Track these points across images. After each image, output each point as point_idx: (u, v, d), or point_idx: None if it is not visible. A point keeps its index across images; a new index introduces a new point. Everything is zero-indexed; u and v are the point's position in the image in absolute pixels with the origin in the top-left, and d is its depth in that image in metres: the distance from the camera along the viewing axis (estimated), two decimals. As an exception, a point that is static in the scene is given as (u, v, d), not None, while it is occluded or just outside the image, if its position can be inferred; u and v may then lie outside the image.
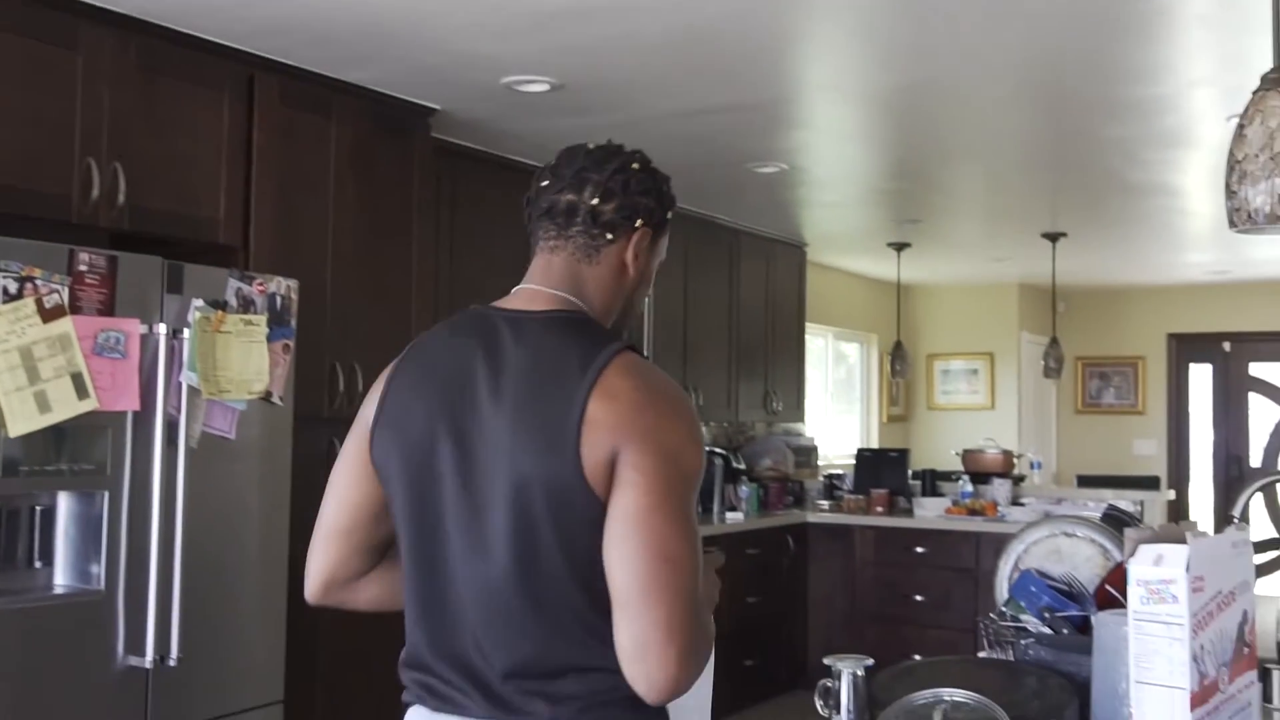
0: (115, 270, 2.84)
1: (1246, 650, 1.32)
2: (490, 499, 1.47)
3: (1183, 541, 1.22)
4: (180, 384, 2.95)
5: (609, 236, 1.60)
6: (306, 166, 3.67)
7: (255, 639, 3.18)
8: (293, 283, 3.25)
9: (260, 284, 3.17)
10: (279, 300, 3.21)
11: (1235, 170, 1.61)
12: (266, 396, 3.16)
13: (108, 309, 2.82)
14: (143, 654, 2.87)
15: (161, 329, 2.92)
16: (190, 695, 2.99)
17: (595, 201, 1.59)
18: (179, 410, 2.94)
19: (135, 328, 2.86)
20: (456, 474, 1.51)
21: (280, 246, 3.53)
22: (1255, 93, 1.63)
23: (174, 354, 2.94)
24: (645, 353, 4.89)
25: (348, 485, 1.66)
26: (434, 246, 4.31)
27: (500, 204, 4.79)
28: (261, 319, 3.14)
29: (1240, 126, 1.62)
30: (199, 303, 2.99)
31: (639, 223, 1.60)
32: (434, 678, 1.57)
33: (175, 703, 2.94)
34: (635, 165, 1.62)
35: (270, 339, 3.16)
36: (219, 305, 3.05)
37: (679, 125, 4.34)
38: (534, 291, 1.62)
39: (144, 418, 2.89)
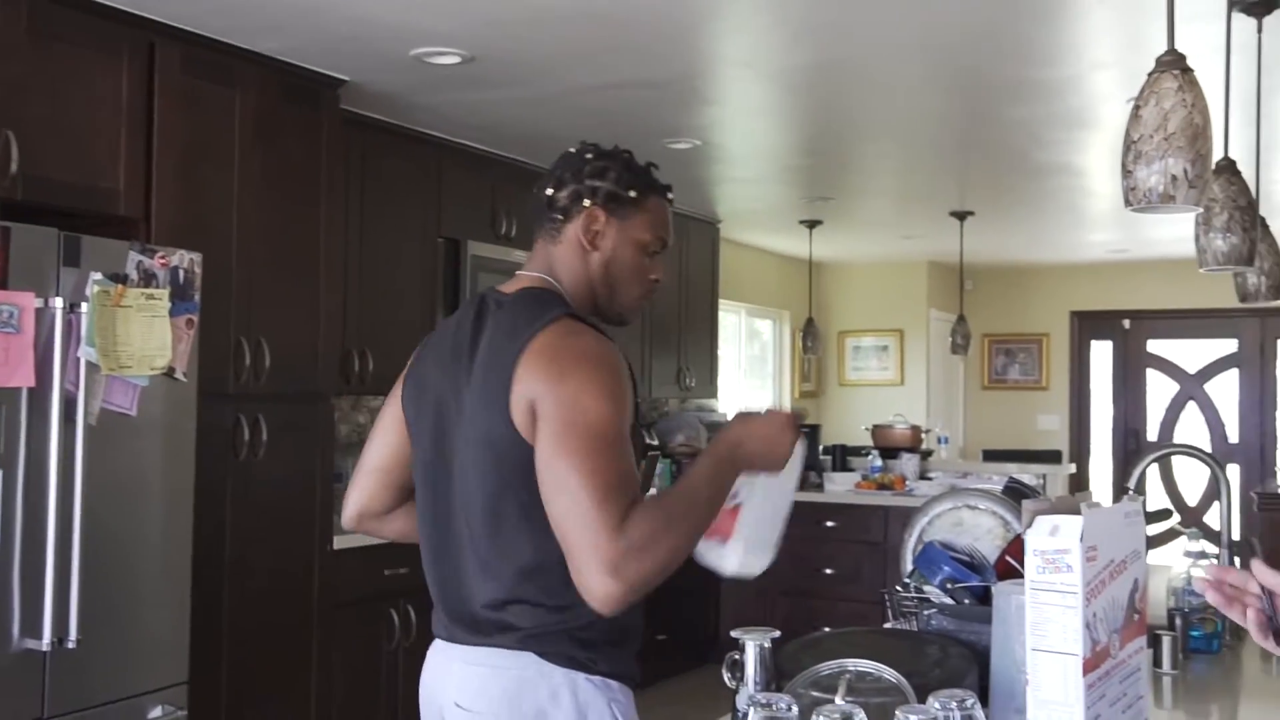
0: (8, 242, 2.74)
1: (1137, 617, 1.36)
2: (466, 461, 1.74)
3: (1078, 513, 1.25)
4: (78, 359, 2.87)
5: (560, 218, 1.84)
6: (211, 137, 3.58)
7: (158, 619, 3.11)
8: (196, 256, 3.18)
9: (162, 257, 3.09)
10: (182, 274, 3.13)
11: (1131, 150, 1.65)
12: (169, 372, 3.09)
13: (0, 281, 2.73)
14: (39, 636, 2.79)
15: (58, 303, 2.83)
16: (90, 678, 2.92)
17: (550, 191, 1.85)
18: (77, 386, 2.86)
19: (30, 301, 2.77)
20: (447, 438, 1.78)
21: (183, 219, 3.45)
22: (1150, 75, 1.67)
23: (72, 329, 2.86)
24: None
25: (385, 429, 1.94)
26: (344, 220, 4.24)
27: (411, 177, 4.73)
28: (164, 293, 3.07)
29: (1136, 108, 1.66)
30: (98, 276, 2.91)
31: (586, 202, 1.82)
32: (442, 613, 1.83)
33: (74, 686, 2.87)
34: (590, 155, 1.86)
35: (173, 313, 3.09)
36: (119, 279, 2.97)
37: (592, 100, 4.32)
38: (519, 275, 1.88)
39: (40, 394, 2.80)
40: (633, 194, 1.83)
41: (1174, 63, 1.67)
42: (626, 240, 1.84)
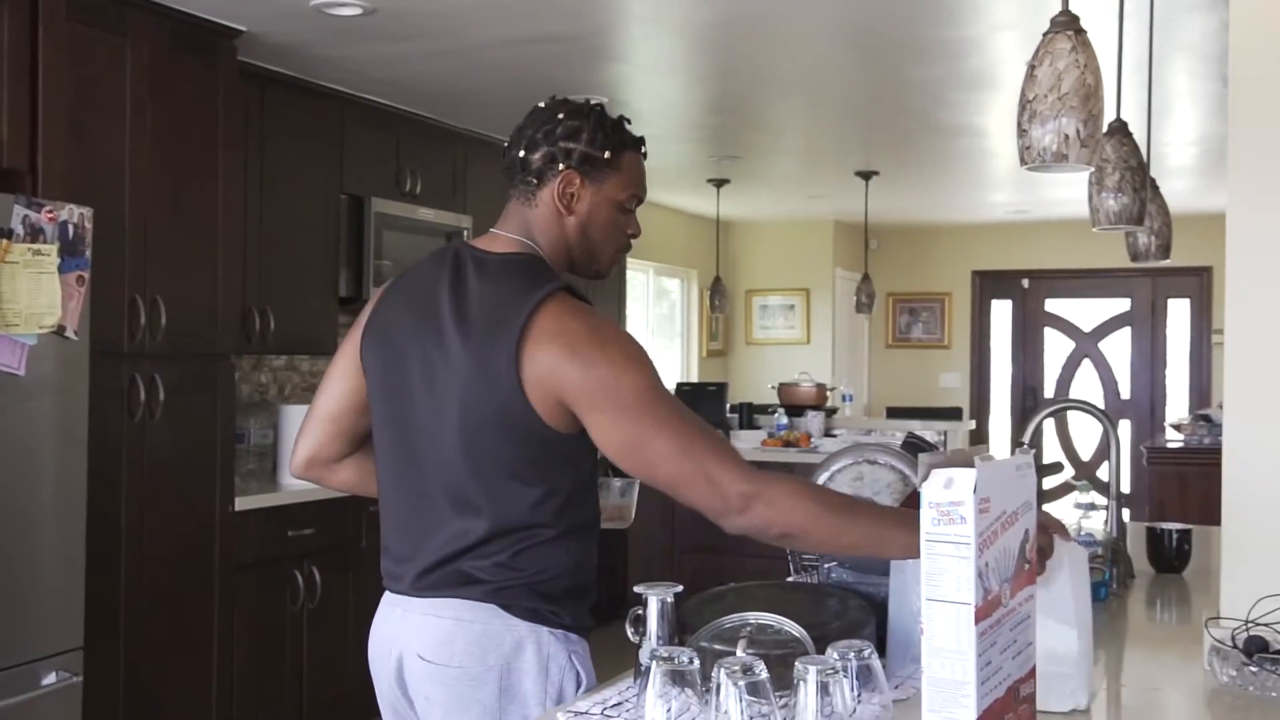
0: (-116, 194, 2.63)
1: (1027, 566, 1.39)
2: (447, 417, 1.75)
3: (972, 466, 1.28)
4: (-38, 317, 2.76)
5: (534, 181, 1.84)
6: (101, 87, 3.46)
7: (51, 584, 3.04)
8: (86, 211, 3.08)
9: (50, 211, 2.99)
10: (71, 229, 3.03)
11: (1026, 110, 1.68)
12: (59, 331, 3.00)
13: (-124, 236, 2.61)
14: (-74, 603, 2.71)
15: (-61, 258, 2.72)
16: (-19, 644, 2.84)
17: (523, 153, 1.84)
18: (-39, 345, 2.76)
19: (-92, 257, 2.66)
20: (422, 391, 1.78)
21: (73, 172, 3.33)
22: (1045, 35, 1.69)
23: (-46, 285, 2.75)
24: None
25: (338, 377, 1.93)
26: (243, 174, 4.14)
27: (313, 131, 4.63)
28: (52, 249, 2.97)
29: (1031, 68, 1.69)
30: (-19, 231, 2.81)
31: (561, 166, 1.82)
32: (401, 566, 1.82)
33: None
34: (562, 114, 1.84)
35: (62, 270, 2.99)
36: (4, 234, 2.86)
37: (497, 54, 4.27)
38: (493, 235, 1.88)
39: (-79, 353, 2.70)
40: (607, 154, 1.83)
41: (1068, 23, 1.70)
42: (602, 201, 1.84)
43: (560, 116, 1.84)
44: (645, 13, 3.94)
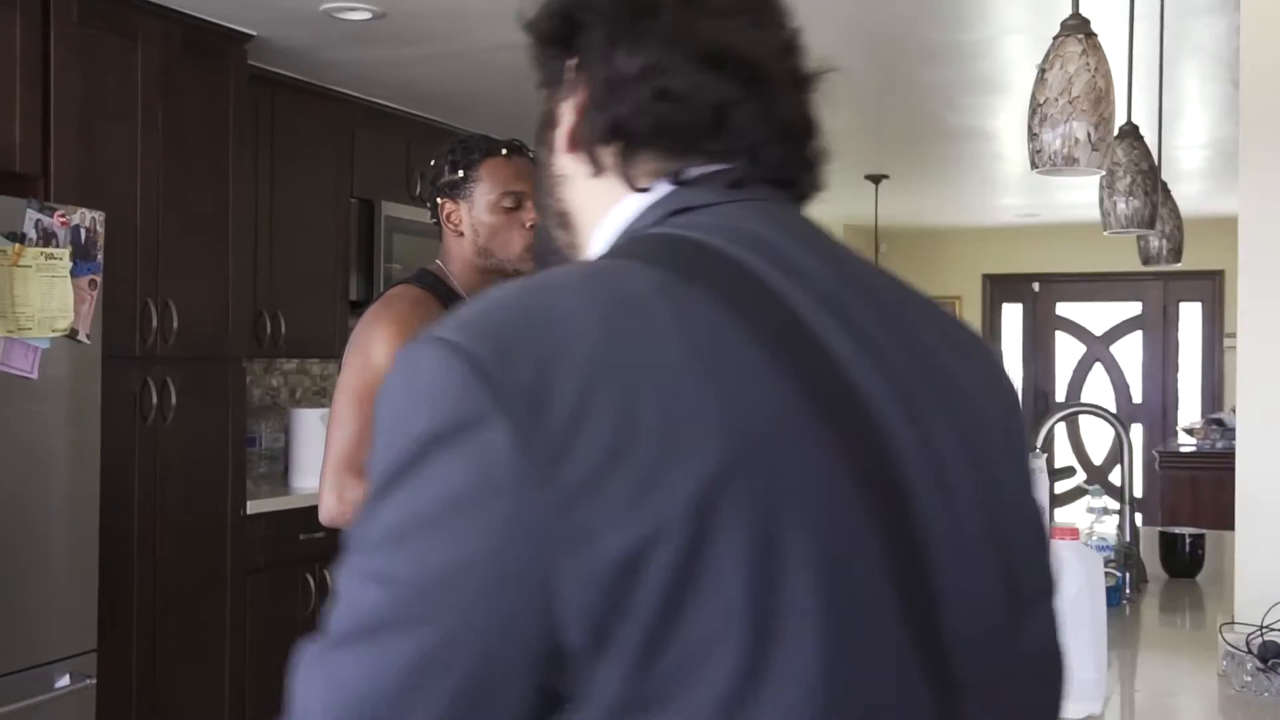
0: (-103, 199, 2.64)
1: None
2: None
3: None
4: (-26, 321, 2.78)
5: (435, 221, 2.19)
6: (112, 92, 3.47)
7: (65, 587, 3.05)
8: (98, 215, 3.09)
9: (62, 216, 3.00)
10: (84, 233, 3.04)
11: (1037, 114, 1.68)
12: (72, 334, 3.01)
13: (-110, 241, 2.63)
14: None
15: (-48, 263, 2.74)
16: (-7, 647, 2.85)
17: (426, 203, 2.27)
18: (-27, 349, 2.77)
19: (-78, 261, 2.67)
20: None
21: (84, 177, 3.34)
22: (1055, 38, 1.69)
23: (-34, 289, 2.76)
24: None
25: (352, 416, 2.00)
26: (253, 178, 4.15)
27: (323, 135, 4.64)
28: (64, 252, 2.98)
29: (1041, 71, 1.69)
30: (-7, 235, 2.82)
31: (439, 200, 2.15)
32: None
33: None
34: (432, 161, 2.20)
35: (75, 274, 3.00)
36: (16, 238, 2.87)
37: (506, 58, 4.26)
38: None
39: (-66, 357, 2.71)
40: (460, 173, 2.10)
41: (1078, 27, 1.70)
42: (479, 211, 2.09)
43: (431, 163, 2.19)
44: (655, 16, 3.94)
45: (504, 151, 2.11)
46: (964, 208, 8.54)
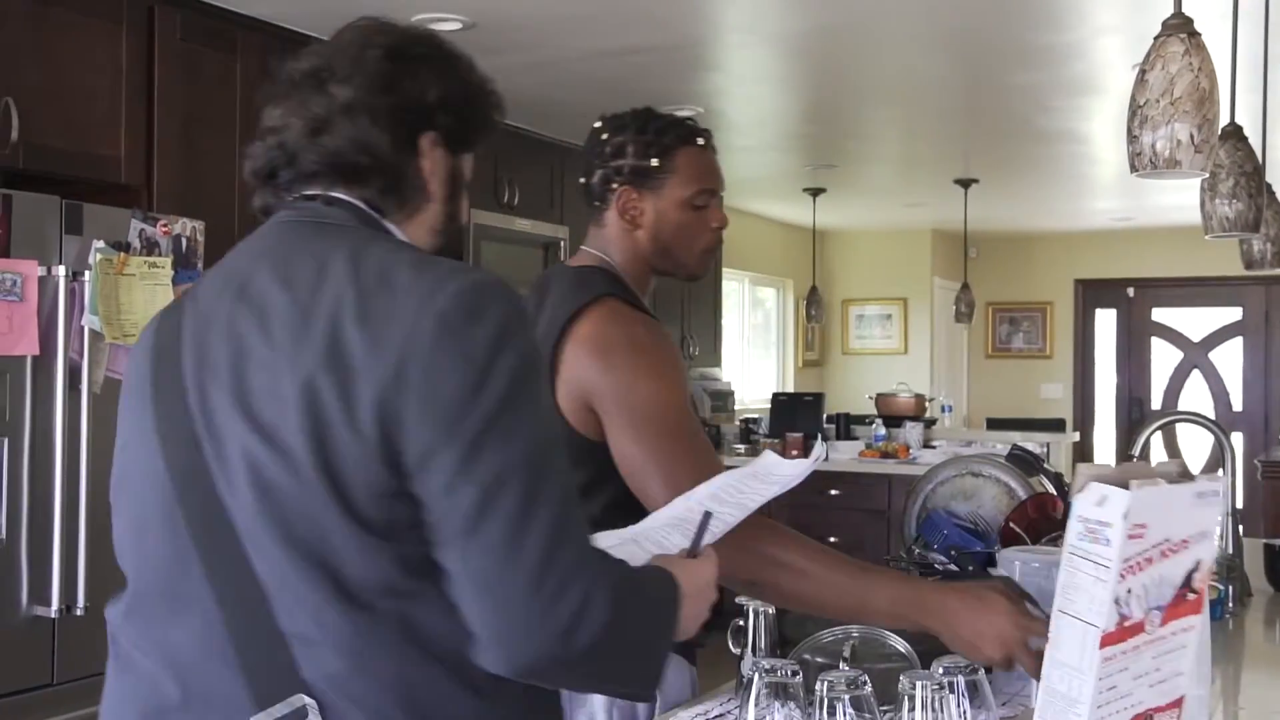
0: (10, 210, 2.74)
1: (1192, 596, 1.30)
2: None
3: (1143, 482, 1.21)
4: (82, 328, 2.87)
5: (599, 204, 1.87)
6: (211, 104, 3.56)
7: (164, 587, 3.12)
8: (199, 224, 3.17)
9: (164, 225, 3.08)
10: (184, 242, 3.13)
11: (1137, 115, 1.64)
12: (172, 341, 3.09)
13: (2, 250, 2.72)
14: (48, 603, 2.81)
15: (61, 271, 2.83)
16: (97, 644, 2.92)
17: (584, 179, 1.89)
18: (81, 355, 2.86)
19: (33, 270, 2.76)
20: None
21: (185, 187, 3.43)
22: (1156, 38, 1.65)
23: (74, 297, 2.86)
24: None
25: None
26: (345, 188, 4.23)
27: (413, 146, 4.70)
28: (166, 261, 3.06)
29: (1142, 72, 1.65)
30: (100, 244, 2.91)
31: (616, 185, 1.83)
32: None
33: (82, 651, 2.88)
34: (606, 134, 1.86)
35: (176, 281, 3.08)
36: (121, 247, 2.96)
37: (594, 66, 4.30)
38: (579, 253, 1.93)
39: (44, 362, 2.80)
40: (655, 161, 1.81)
41: (1181, 26, 1.66)
42: (667, 206, 1.82)
43: (605, 136, 1.84)
44: (739, 22, 3.94)
45: (700, 140, 1.86)
46: (1055, 212, 8.39)
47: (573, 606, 1.08)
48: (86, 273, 2.87)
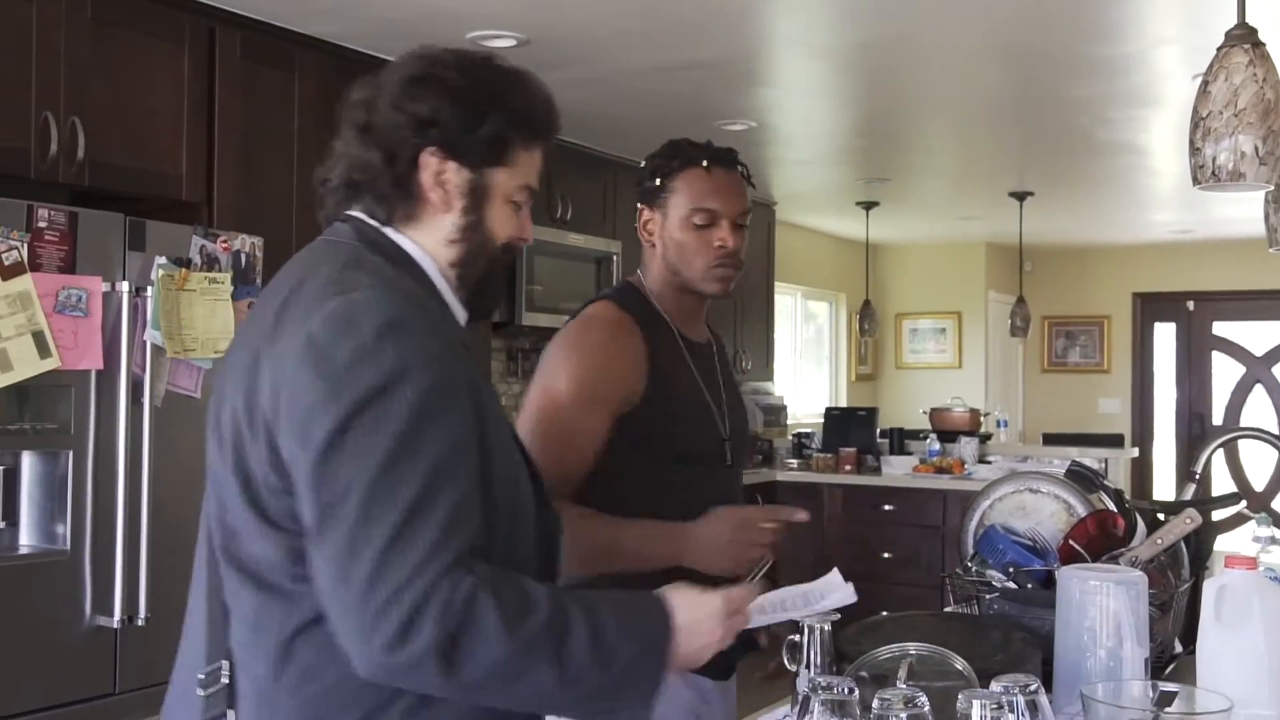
0: (75, 227, 2.80)
1: None
2: None
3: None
4: (144, 342, 2.92)
5: (636, 226, 2.08)
6: (270, 122, 3.62)
7: (223, 598, 3.16)
8: (258, 240, 3.22)
9: (225, 241, 3.13)
10: (244, 258, 3.17)
11: (1200, 127, 1.62)
12: (232, 355, 3.13)
13: (69, 266, 2.78)
14: (110, 614, 2.85)
15: (124, 287, 2.88)
16: (159, 654, 2.95)
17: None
18: (143, 369, 2.91)
19: (97, 285, 2.82)
20: None
21: (244, 203, 3.49)
22: (1219, 49, 1.63)
23: (137, 312, 2.91)
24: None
25: (527, 436, 1.81)
26: (401, 204, 4.26)
27: (467, 161, 4.74)
28: (226, 277, 3.11)
29: (1205, 83, 1.63)
30: (162, 260, 2.96)
31: (639, 205, 2.03)
32: None
33: (144, 661, 2.93)
34: (642, 163, 2.07)
35: (236, 297, 3.13)
36: (183, 263, 3.01)
37: (648, 81, 4.31)
38: None
39: (107, 376, 2.86)
40: (658, 181, 1.94)
41: (1245, 36, 1.64)
42: (671, 224, 1.94)
43: (641, 166, 2.02)
44: (793, 36, 3.94)
45: (704, 163, 1.92)
46: (1113, 224, 8.28)
47: (402, 617, 1.13)
48: (149, 288, 2.92)
